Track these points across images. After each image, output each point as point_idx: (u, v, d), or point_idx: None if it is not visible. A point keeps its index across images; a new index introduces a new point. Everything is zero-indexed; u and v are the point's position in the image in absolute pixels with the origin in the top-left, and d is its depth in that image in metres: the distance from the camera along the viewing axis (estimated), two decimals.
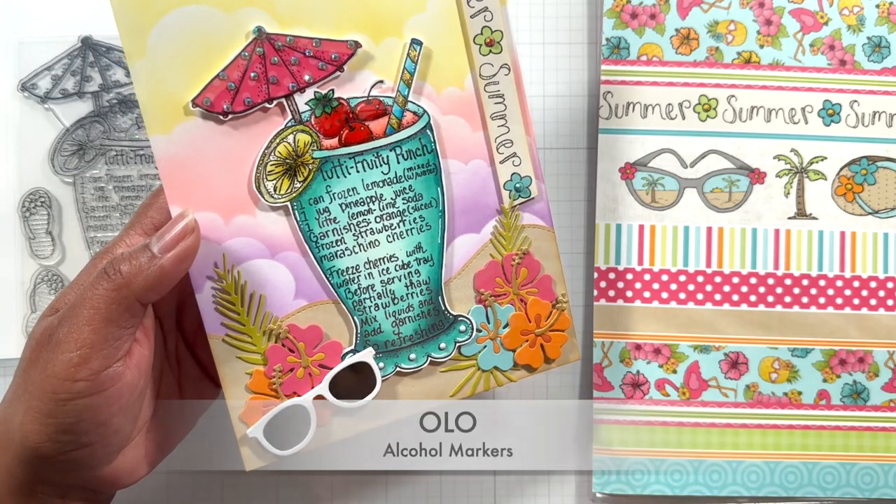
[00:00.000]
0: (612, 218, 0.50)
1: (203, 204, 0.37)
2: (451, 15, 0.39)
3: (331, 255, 0.39)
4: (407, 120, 0.39)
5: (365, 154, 0.39)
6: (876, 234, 0.51)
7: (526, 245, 0.41)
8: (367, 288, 0.39)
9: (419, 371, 0.41)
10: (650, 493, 0.49)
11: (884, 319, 0.50)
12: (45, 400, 0.34)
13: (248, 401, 0.39)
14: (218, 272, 0.38)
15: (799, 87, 0.51)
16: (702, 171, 0.50)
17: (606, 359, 0.50)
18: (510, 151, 0.40)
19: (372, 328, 0.40)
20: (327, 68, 0.38)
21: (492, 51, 0.39)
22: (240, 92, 0.37)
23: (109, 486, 0.38)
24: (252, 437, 0.38)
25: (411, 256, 0.40)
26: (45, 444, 0.35)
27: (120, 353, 0.35)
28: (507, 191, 0.40)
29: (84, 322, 0.35)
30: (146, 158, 0.49)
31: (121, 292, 0.35)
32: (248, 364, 0.39)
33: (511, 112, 0.40)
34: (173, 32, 0.36)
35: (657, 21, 0.50)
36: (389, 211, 0.39)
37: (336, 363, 0.39)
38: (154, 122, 0.37)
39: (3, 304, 0.49)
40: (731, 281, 0.50)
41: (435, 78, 0.39)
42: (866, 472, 0.50)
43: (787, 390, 0.50)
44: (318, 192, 0.38)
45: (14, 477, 0.36)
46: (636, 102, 0.50)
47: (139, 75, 0.36)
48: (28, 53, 0.49)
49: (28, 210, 0.49)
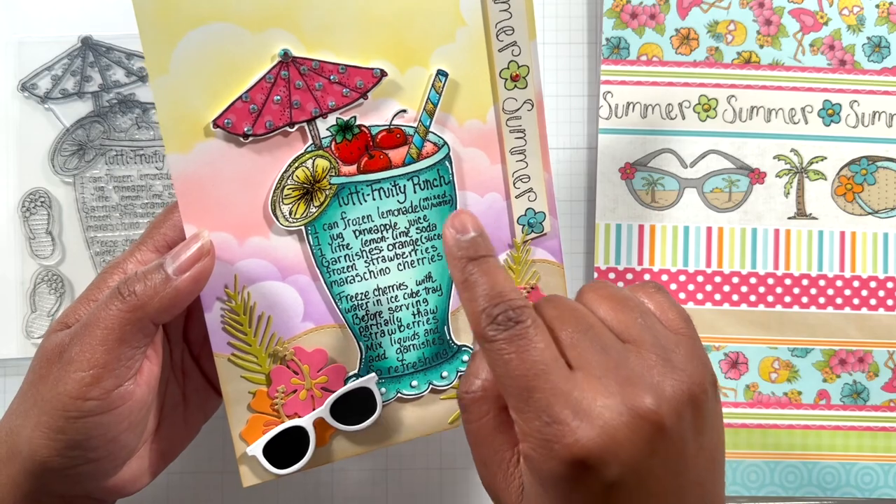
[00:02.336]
0: (612, 218, 0.50)
1: (218, 224, 0.37)
2: (479, 47, 0.38)
3: (341, 280, 0.39)
4: (427, 150, 0.39)
5: (382, 182, 0.38)
6: (876, 234, 0.51)
7: (535, 279, 0.41)
8: (375, 314, 0.39)
9: (420, 398, 0.41)
10: None
11: (884, 319, 0.50)
12: (55, 416, 0.34)
13: (250, 419, 0.39)
14: (228, 293, 0.38)
15: (799, 87, 0.51)
16: (702, 171, 0.50)
17: None
18: (527, 186, 0.40)
19: (376, 354, 0.40)
20: (351, 95, 0.37)
21: (517, 85, 0.39)
22: (262, 115, 0.36)
23: (113, 496, 0.38)
24: (251, 455, 0.38)
25: (420, 286, 0.40)
26: (53, 458, 0.35)
27: (131, 373, 0.35)
28: (520, 225, 0.40)
29: (98, 342, 0.34)
30: (146, 158, 0.49)
31: (135, 314, 0.34)
32: (252, 384, 0.39)
33: (531, 148, 0.40)
34: (198, 49, 0.35)
35: (657, 21, 0.50)
36: (402, 240, 0.39)
37: (339, 387, 0.39)
38: (173, 140, 0.36)
39: (2, 304, 0.49)
40: (731, 281, 0.50)
41: (458, 109, 0.39)
42: (866, 472, 0.50)
43: (787, 390, 0.50)
44: (334, 217, 0.38)
45: (20, 488, 0.36)
46: (636, 102, 0.50)
47: (160, 91, 0.35)
48: (28, 53, 0.49)
49: (28, 210, 0.49)
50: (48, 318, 0.49)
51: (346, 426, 0.39)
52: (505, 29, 0.38)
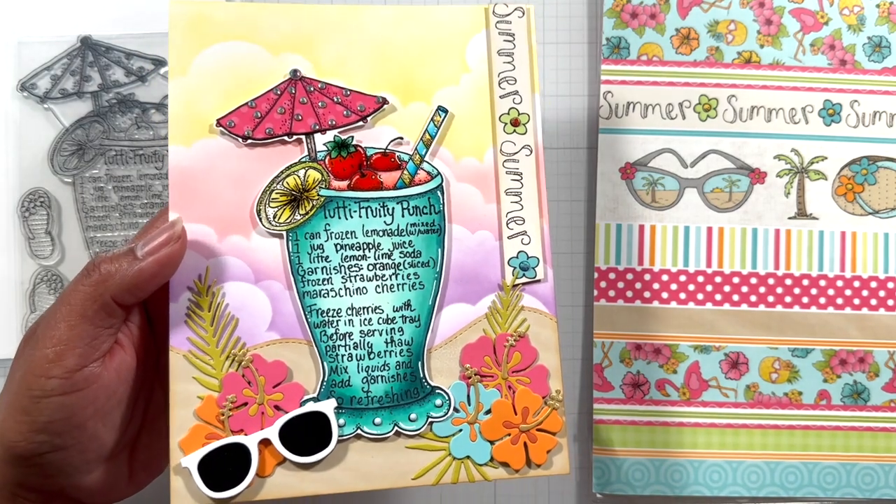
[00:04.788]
0: (612, 218, 0.50)
1: (202, 217, 0.38)
2: (482, 93, 0.40)
3: (314, 292, 0.38)
4: (420, 178, 0.39)
5: (371, 201, 0.39)
6: (876, 234, 0.51)
7: (524, 328, 0.39)
8: (345, 335, 0.38)
9: (383, 440, 0.37)
10: (650, 493, 0.49)
11: (884, 319, 0.50)
12: (21, 396, 0.34)
13: (192, 428, 0.36)
14: (197, 285, 0.38)
15: (799, 87, 0.50)
16: (702, 170, 0.50)
17: (606, 359, 0.50)
18: (520, 229, 0.40)
19: (340, 379, 0.38)
20: (351, 116, 0.39)
21: (516, 130, 0.40)
22: (264, 121, 0.38)
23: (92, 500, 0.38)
24: (185, 466, 0.36)
25: (398, 312, 0.38)
26: (19, 443, 0.34)
27: (96, 354, 0.35)
28: (511, 267, 0.39)
29: (61, 318, 0.35)
30: (145, 158, 0.49)
31: (97, 289, 0.35)
32: (202, 387, 0.37)
33: (527, 191, 0.40)
34: (218, 60, 0.38)
35: (657, 21, 0.50)
36: (384, 261, 0.39)
37: (293, 408, 0.37)
38: (177, 133, 0.38)
39: (2, 304, 0.49)
40: (731, 281, 0.50)
41: (455, 145, 0.40)
42: (866, 473, 0.50)
43: (788, 390, 0.50)
44: (317, 227, 0.38)
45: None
46: (636, 102, 0.50)
47: (176, 91, 0.38)
48: (28, 53, 0.49)
49: (27, 210, 0.49)
50: None
51: (294, 455, 0.36)
52: (507, 79, 0.40)
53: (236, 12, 0.39)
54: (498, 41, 0.40)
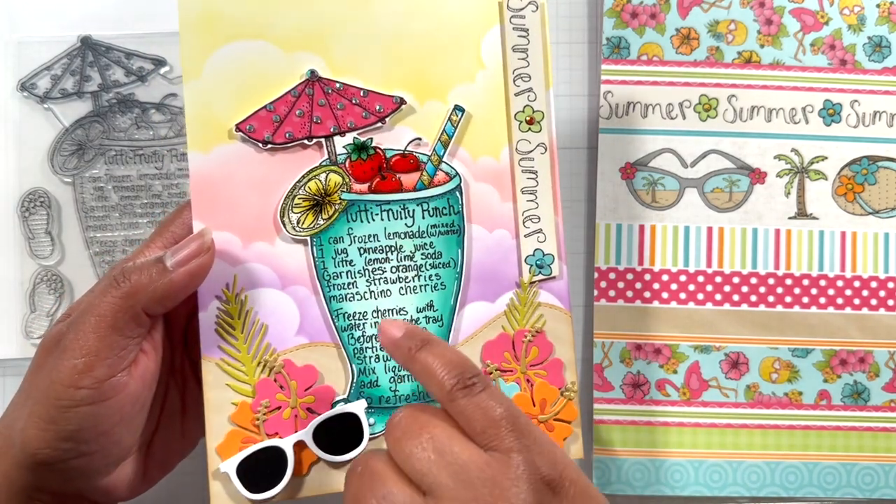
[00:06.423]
0: (613, 218, 0.50)
1: (226, 224, 0.38)
2: (496, 90, 0.40)
3: (341, 296, 0.39)
4: (438, 179, 0.39)
5: (392, 203, 0.39)
6: (877, 234, 0.51)
7: (540, 324, 0.40)
8: (371, 337, 0.39)
9: None
10: (650, 493, 0.49)
11: (884, 319, 0.50)
12: (47, 406, 0.34)
13: (228, 433, 0.37)
14: (226, 293, 0.38)
15: (799, 87, 0.50)
16: (702, 170, 0.50)
17: (607, 359, 0.50)
18: (536, 227, 0.40)
19: (369, 380, 0.39)
20: (370, 118, 0.39)
21: (531, 129, 0.40)
22: (283, 125, 0.38)
23: (107, 499, 0.38)
24: (224, 471, 0.37)
25: (421, 313, 0.39)
26: (44, 450, 0.34)
27: (125, 363, 0.35)
28: (527, 265, 0.40)
29: (90, 329, 0.34)
30: (145, 158, 0.49)
31: (127, 301, 0.35)
32: (236, 394, 0.38)
33: (542, 189, 0.40)
34: (231, 61, 0.38)
35: (657, 21, 0.50)
36: (406, 263, 0.39)
37: (325, 410, 0.38)
38: (195, 139, 0.38)
39: (2, 304, 0.49)
40: (731, 281, 0.50)
41: (472, 145, 0.40)
42: (867, 473, 0.50)
43: (788, 390, 0.50)
44: (340, 232, 0.39)
45: (12, 483, 0.35)
46: (636, 102, 0.50)
47: (190, 94, 0.38)
48: (27, 53, 0.49)
49: (27, 210, 0.49)
50: (47, 319, 0.49)
51: (328, 455, 0.37)
52: (522, 76, 0.40)
53: (246, 6, 0.38)
54: (512, 37, 0.40)
